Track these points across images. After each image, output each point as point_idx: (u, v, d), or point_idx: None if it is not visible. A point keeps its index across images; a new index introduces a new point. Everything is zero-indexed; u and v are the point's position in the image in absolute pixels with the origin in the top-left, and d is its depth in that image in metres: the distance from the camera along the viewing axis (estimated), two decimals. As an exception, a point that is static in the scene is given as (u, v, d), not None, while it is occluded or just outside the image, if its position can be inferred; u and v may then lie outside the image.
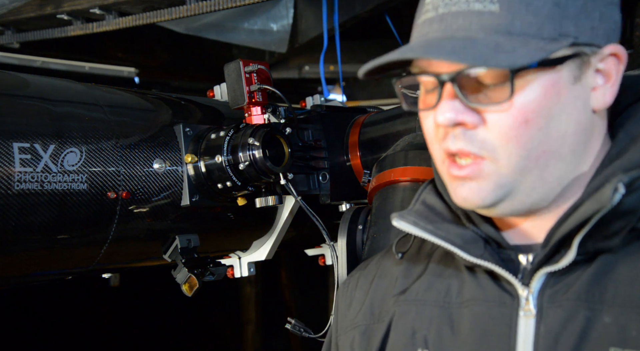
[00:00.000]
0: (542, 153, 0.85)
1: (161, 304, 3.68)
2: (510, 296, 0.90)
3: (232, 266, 1.83)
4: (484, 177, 0.87)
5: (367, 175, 1.78)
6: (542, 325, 0.86)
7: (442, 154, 0.90)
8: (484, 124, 0.85)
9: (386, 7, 2.42)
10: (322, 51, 2.35)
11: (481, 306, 0.92)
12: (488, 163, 0.86)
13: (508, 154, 0.85)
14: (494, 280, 0.92)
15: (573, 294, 0.85)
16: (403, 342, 0.99)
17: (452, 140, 0.87)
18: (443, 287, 0.98)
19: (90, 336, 3.62)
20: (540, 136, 0.85)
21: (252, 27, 2.82)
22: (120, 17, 2.16)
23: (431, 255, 1.04)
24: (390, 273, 1.08)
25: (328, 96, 2.21)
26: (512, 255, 0.93)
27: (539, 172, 0.86)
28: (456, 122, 0.85)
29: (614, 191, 0.80)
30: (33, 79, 1.49)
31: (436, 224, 0.96)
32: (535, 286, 0.88)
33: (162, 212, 1.55)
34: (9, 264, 1.38)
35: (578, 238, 0.85)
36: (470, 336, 0.91)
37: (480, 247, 0.93)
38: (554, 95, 0.85)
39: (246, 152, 1.52)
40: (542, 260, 0.88)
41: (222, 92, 1.81)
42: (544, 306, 0.87)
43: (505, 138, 0.84)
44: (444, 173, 0.92)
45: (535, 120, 0.84)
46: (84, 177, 1.39)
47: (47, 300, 3.31)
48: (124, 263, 1.66)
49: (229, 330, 4.48)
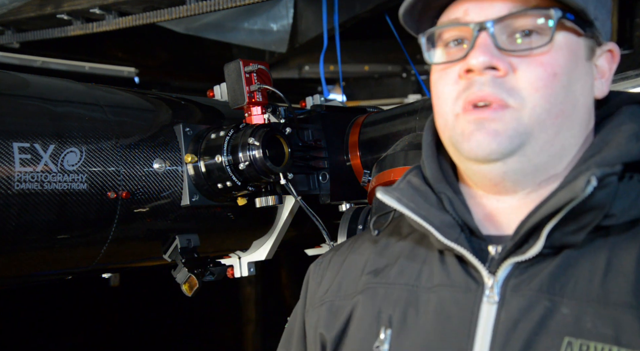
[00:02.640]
0: (561, 112, 0.91)
1: (161, 304, 3.68)
2: (475, 283, 0.93)
3: (232, 266, 1.83)
4: (505, 122, 0.89)
5: (367, 175, 1.78)
6: (503, 311, 0.89)
7: (458, 107, 0.93)
8: (514, 73, 0.89)
9: (386, 7, 2.42)
10: (322, 51, 2.35)
11: (447, 291, 0.95)
12: (511, 111, 0.89)
13: (533, 104, 0.89)
14: (462, 266, 0.96)
15: (536, 285, 0.89)
16: (368, 321, 1.01)
17: (479, 87, 0.90)
18: (414, 271, 1.01)
19: (90, 336, 3.61)
20: (562, 94, 0.90)
21: (252, 27, 2.82)
22: (120, 17, 2.16)
23: (406, 237, 1.07)
24: (363, 251, 1.11)
25: (328, 96, 2.21)
26: (482, 244, 0.96)
27: (553, 131, 0.91)
28: (490, 65, 0.89)
29: (587, 183, 0.84)
30: (33, 79, 1.49)
31: (418, 204, 0.99)
32: (501, 275, 0.91)
33: (162, 212, 1.55)
34: (9, 264, 1.38)
35: (547, 228, 0.88)
36: (433, 318, 0.94)
37: (457, 232, 0.96)
38: (575, 60, 0.92)
39: (246, 152, 1.52)
40: (510, 249, 0.91)
41: (222, 92, 1.81)
42: (507, 294, 0.90)
43: (534, 87, 0.89)
44: (457, 127, 0.94)
45: (561, 77, 0.90)
46: (84, 176, 1.39)
47: (47, 300, 3.30)
48: (124, 263, 1.66)
49: (229, 330, 4.47)
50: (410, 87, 3.39)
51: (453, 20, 0.95)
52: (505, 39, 0.91)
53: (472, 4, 0.93)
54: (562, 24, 0.91)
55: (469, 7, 0.93)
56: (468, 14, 0.93)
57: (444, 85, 0.96)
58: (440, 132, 1.00)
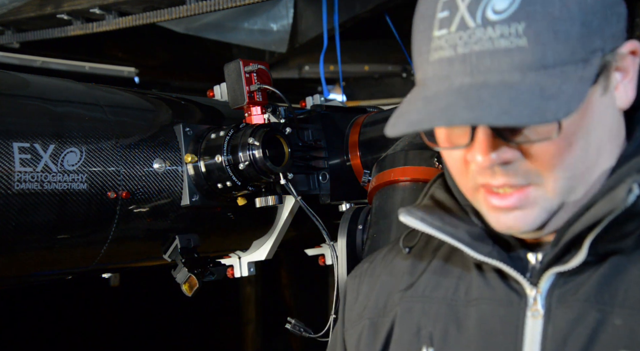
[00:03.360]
0: (586, 169, 0.84)
1: (161, 304, 3.68)
2: (517, 295, 0.88)
3: (232, 266, 1.83)
4: (531, 204, 0.84)
5: (367, 175, 1.78)
6: (550, 325, 0.85)
7: (476, 184, 0.87)
8: (526, 157, 0.82)
9: (386, 7, 2.42)
10: (322, 51, 2.35)
11: (488, 305, 0.90)
12: (534, 190, 0.83)
13: (554, 179, 0.83)
14: (502, 279, 0.91)
15: (583, 295, 0.84)
16: (407, 339, 0.97)
17: (492, 176, 0.84)
18: (451, 285, 0.97)
19: (90, 336, 3.61)
20: (582, 155, 0.83)
21: (252, 27, 2.82)
22: (120, 17, 2.16)
23: (438, 249, 1.03)
24: (396, 267, 1.07)
25: (328, 96, 2.21)
26: (520, 253, 0.91)
27: (583, 187, 0.85)
28: (497, 162, 0.82)
29: (628, 192, 0.79)
30: (33, 79, 1.49)
31: (444, 220, 0.94)
32: (544, 286, 0.87)
33: (162, 212, 1.55)
34: (9, 264, 1.38)
35: (589, 239, 0.83)
36: (476, 335, 0.90)
37: (489, 244, 0.91)
38: (589, 113, 0.82)
39: (246, 152, 1.52)
40: (551, 259, 0.86)
41: (222, 92, 1.81)
42: (552, 306, 0.85)
43: (550, 165, 0.82)
44: (479, 202, 0.89)
45: (577, 143, 0.82)
46: (84, 176, 1.39)
47: (47, 300, 3.30)
48: (124, 263, 1.66)
49: (229, 330, 4.47)
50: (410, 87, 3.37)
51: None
52: (508, 130, 0.81)
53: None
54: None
55: None
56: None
57: (454, 161, 0.89)
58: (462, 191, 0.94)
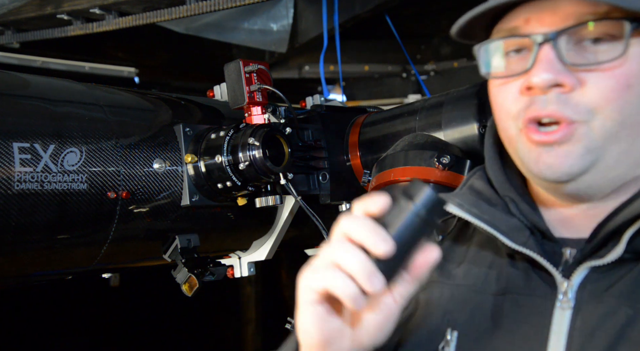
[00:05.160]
0: (636, 123, 0.83)
1: (161, 304, 3.68)
2: (549, 287, 0.88)
3: (232, 266, 1.83)
4: (574, 141, 0.83)
5: (367, 175, 1.78)
6: (579, 318, 0.84)
7: (521, 124, 0.86)
8: (582, 87, 0.82)
9: (386, 7, 2.42)
10: (322, 51, 2.35)
11: (518, 294, 0.90)
12: (580, 127, 0.82)
13: (604, 118, 0.82)
14: (534, 270, 0.90)
15: (616, 291, 0.83)
16: (434, 320, 0.97)
17: (543, 104, 0.83)
18: (481, 273, 0.96)
19: (90, 336, 3.61)
20: (637, 104, 0.82)
21: (252, 27, 2.82)
22: (120, 17, 2.15)
23: (471, 239, 1.02)
24: None
25: (328, 96, 2.21)
26: (556, 247, 0.91)
27: (627, 143, 0.83)
28: (555, 83, 0.82)
29: None
30: (33, 79, 1.49)
31: (481, 209, 0.94)
32: (576, 279, 0.86)
33: (162, 212, 1.55)
34: (9, 264, 1.38)
35: (628, 233, 0.82)
36: (504, 324, 0.90)
37: (525, 235, 0.91)
38: None
39: (246, 152, 1.52)
40: (587, 253, 0.86)
41: (222, 92, 1.81)
42: (583, 299, 0.85)
43: (605, 100, 0.81)
44: (522, 143, 0.88)
45: (636, 87, 0.81)
46: (84, 176, 1.39)
47: (47, 300, 3.30)
48: (124, 263, 1.66)
49: (229, 330, 4.47)
50: (410, 87, 3.39)
51: (512, 30, 0.86)
52: (572, 50, 0.82)
53: (533, 11, 0.84)
54: (637, 31, 0.81)
55: (530, 16, 0.84)
56: (529, 23, 0.84)
57: (503, 100, 0.89)
58: (505, 144, 0.94)
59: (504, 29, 0.88)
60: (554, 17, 0.83)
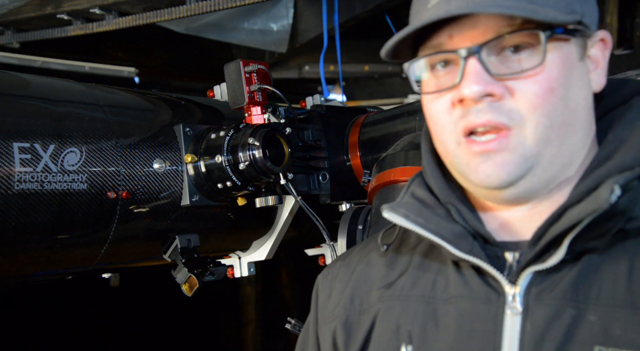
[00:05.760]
0: (563, 123, 0.88)
1: (161, 304, 3.68)
2: (496, 293, 0.90)
3: (232, 266, 1.83)
4: (510, 149, 0.87)
5: (367, 175, 1.78)
6: (528, 322, 0.86)
7: (458, 136, 0.90)
8: (511, 94, 0.86)
9: (386, 7, 2.42)
10: (322, 51, 2.35)
11: (467, 302, 0.92)
12: (514, 134, 0.86)
13: (535, 123, 0.86)
14: (480, 277, 0.92)
15: (559, 292, 0.86)
16: (387, 337, 0.98)
17: (476, 114, 0.87)
18: (429, 282, 0.98)
19: (90, 336, 3.61)
20: (561, 106, 0.87)
21: (252, 27, 2.82)
22: (120, 17, 2.16)
23: (415, 248, 1.04)
24: (373, 263, 1.08)
25: (328, 96, 2.21)
26: (498, 251, 0.93)
27: (558, 143, 0.88)
28: (485, 94, 0.86)
29: (611, 192, 0.81)
30: (33, 79, 1.49)
31: (426, 218, 0.96)
32: (522, 284, 0.88)
33: (162, 212, 1.55)
34: (9, 264, 1.38)
35: (569, 238, 0.85)
36: (455, 332, 0.91)
37: (470, 242, 0.93)
38: (568, 66, 0.88)
39: (246, 152, 1.52)
40: (531, 258, 0.88)
41: (222, 92, 1.81)
42: (530, 304, 0.87)
43: (532, 106, 0.86)
44: (460, 156, 0.91)
45: (558, 90, 0.87)
46: (84, 176, 1.39)
47: (47, 300, 3.31)
48: (124, 263, 1.66)
49: (229, 330, 4.47)
50: (410, 87, 3.39)
51: (437, 46, 0.90)
52: (496, 61, 0.87)
53: (455, 28, 0.88)
54: (552, 38, 0.87)
55: (453, 33, 0.88)
56: (452, 39, 0.88)
57: (437, 113, 0.92)
58: (442, 155, 0.97)
59: (430, 46, 0.92)
60: (474, 31, 0.87)
